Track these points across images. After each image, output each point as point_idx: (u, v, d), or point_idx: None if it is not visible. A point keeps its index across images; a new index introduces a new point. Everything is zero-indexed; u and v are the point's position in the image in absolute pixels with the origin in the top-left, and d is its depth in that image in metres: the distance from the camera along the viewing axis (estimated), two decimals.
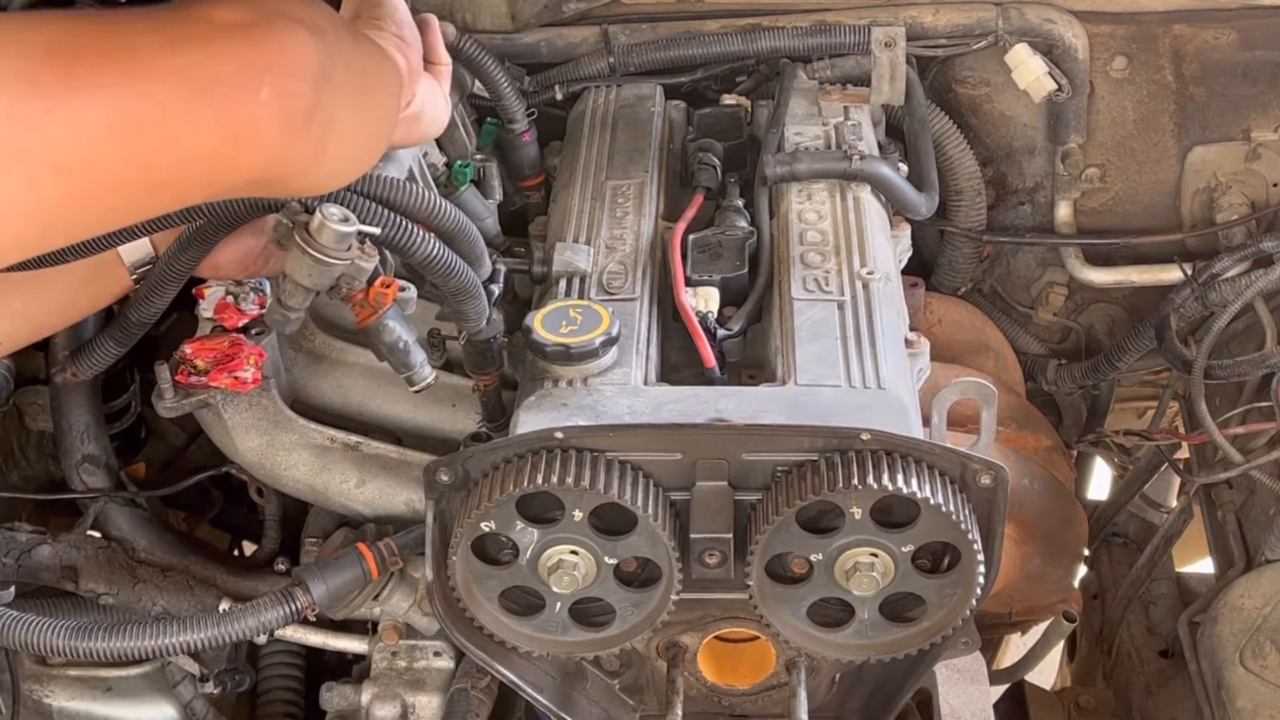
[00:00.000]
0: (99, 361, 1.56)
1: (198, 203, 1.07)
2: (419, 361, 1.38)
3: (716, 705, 1.60)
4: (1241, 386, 2.01)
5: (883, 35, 1.83)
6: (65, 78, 0.88)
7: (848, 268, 1.51)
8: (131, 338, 1.54)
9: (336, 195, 1.26)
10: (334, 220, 1.23)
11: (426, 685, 1.61)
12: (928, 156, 1.84)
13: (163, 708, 1.79)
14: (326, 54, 1.04)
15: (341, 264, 1.25)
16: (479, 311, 1.37)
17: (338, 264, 1.25)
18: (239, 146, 1.00)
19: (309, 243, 1.23)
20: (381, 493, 1.59)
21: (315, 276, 1.26)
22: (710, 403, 1.33)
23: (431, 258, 1.30)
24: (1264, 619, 1.79)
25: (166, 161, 0.96)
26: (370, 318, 1.33)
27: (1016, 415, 1.95)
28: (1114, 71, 2.00)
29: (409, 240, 1.29)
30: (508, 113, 1.75)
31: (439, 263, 1.31)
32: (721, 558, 1.34)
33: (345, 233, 1.23)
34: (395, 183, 1.31)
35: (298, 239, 1.23)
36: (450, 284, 1.33)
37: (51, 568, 1.62)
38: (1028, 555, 1.86)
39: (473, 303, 1.36)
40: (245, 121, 0.98)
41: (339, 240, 1.23)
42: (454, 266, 1.32)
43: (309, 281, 1.26)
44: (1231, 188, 2.06)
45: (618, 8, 1.95)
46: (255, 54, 0.99)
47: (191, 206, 1.21)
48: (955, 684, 1.58)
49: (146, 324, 1.51)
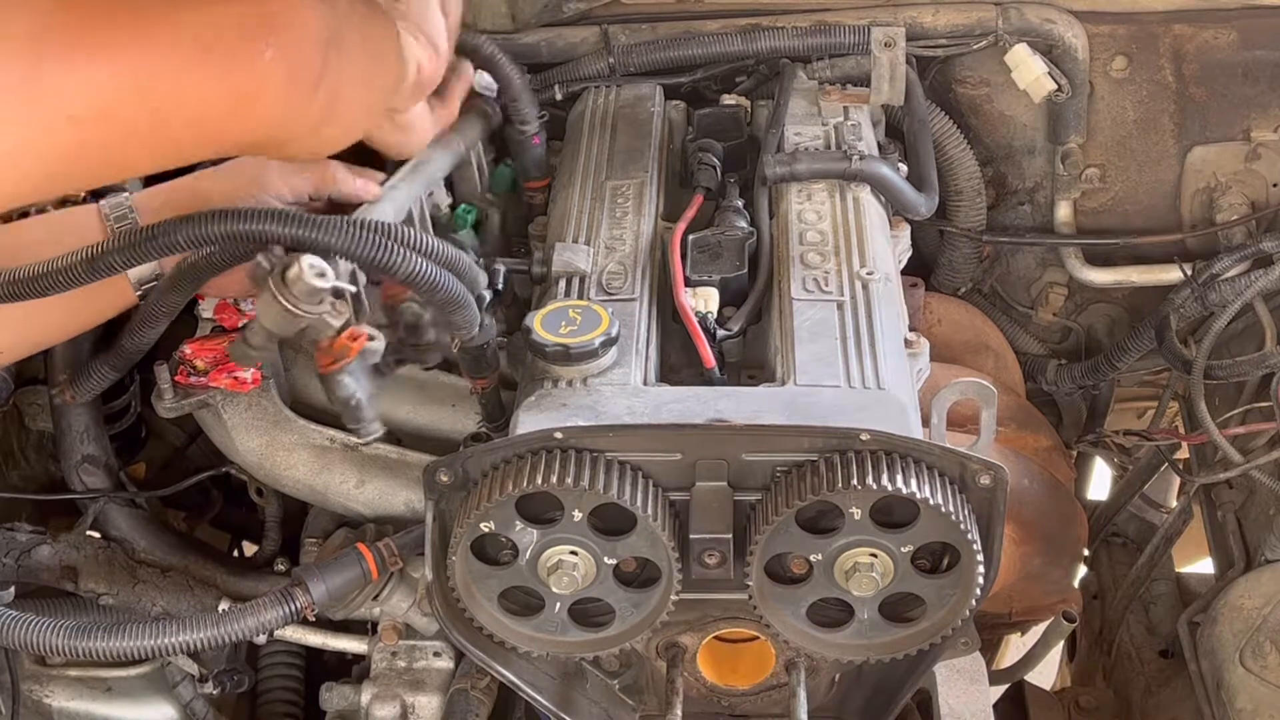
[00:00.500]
0: (96, 386, 1.60)
1: (204, 159, 1.07)
2: (368, 418, 1.34)
3: (716, 705, 1.60)
4: (1241, 386, 2.01)
5: (882, 35, 1.83)
6: (75, 37, 0.90)
7: (847, 268, 1.51)
8: (127, 364, 1.58)
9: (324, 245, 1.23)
10: (310, 274, 1.20)
11: (426, 685, 1.61)
12: (928, 157, 1.84)
13: (162, 708, 1.79)
14: (335, 20, 1.04)
15: (309, 318, 1.23)
16: (469, 320, 1.35)
17: (305, 317, 1.22)
18: (245, 106, 1.01)
19: (282, 291, 1.21)
20: (381, 493, 1.59)
21: (281, 324, 1.23)
22: (710, 403, 1.33)
23: (415, 275, 1.27)
24: (1264, 619, 1.79)
25: (175, 117, 0.97)
26: (330, 367, 1.29)
27: (1016, 415, 1.95)
28: (1114, 71, 2.00)
29: (390, 260, 1.25)
30: (520, 114, 1.74)
31: (423, 280, 1.27)
32: (721, 558, 1.34)
33: (319, 288, 1.21)
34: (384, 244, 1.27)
35: (271, 285, 1.21)
36: (436, 299, 1.30)
37: (51, 568, 1.62)
38: (1027, 555, 1.86)
39: (461, 312, 1.33)
40: (251, 82, 0.99)
41: (311, 294, 1.21)
42: (438, 282, 1.29)
43: (274, 327, 1.24)
44: (1231, 188, 2.06)
45: (618, 8, 1.95)
46: (262, 16, 1.00)
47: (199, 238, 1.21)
48: (955, 684, 1.58)
49: (142, 351, 1.54)
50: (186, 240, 1.21)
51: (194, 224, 1.20)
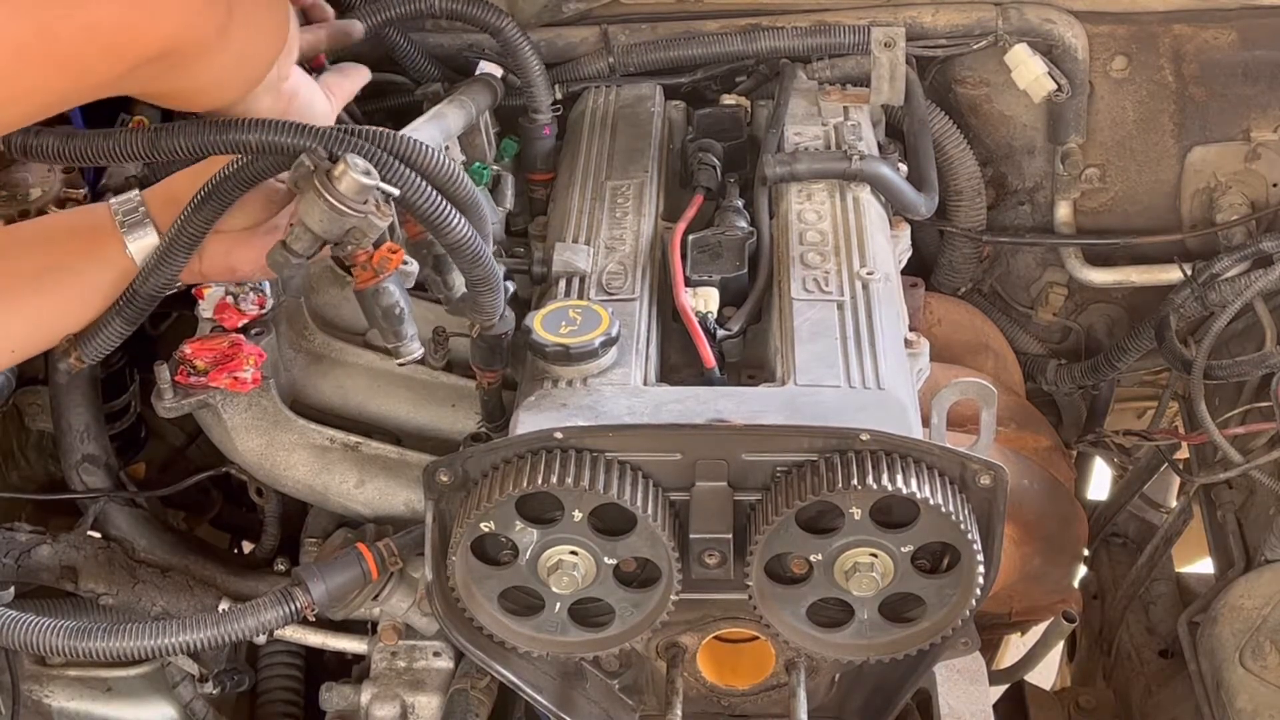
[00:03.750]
0: (106, 343, 1.42)
1: (107, 82, 1.04)
2: (410, 334, 1.34)
3: (716, 705, 1.60)
4: (1241, 386, 2.01)
5: (882, 35, 1.83)
6: None
7: (847, 268, 1.51)
8: (141, 314, 1.41)
9: (363, 150, 1.24)
10: (356, 170, 1.21)
11: (426, 685, 1.61)
12: (927, 156, 1.84)
13: (162, 708, 1.79)
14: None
15: (355, 216, 1.23)
16: (496, 305, 1.35)
17: (352, 215, 1.22)
18: (142, 12, 0.98)
19: (327, 188, 1.21)
20: (381, 493, 1.59)
21: (327, 224, 1.23)
22: (710, 403, 1.33)
23: (464, 240, 1.27)
24: (1264, 619, 1.79)
25: (67, 30, 0.94)
26: (370, 280, 1.30)
27: (1016, 415, 1.95)
28: (1114, 71, 2.00)
29: (445, 220, 1.26)
30: (535, 102, 1.74)
31: (469, 247, 1.28)
32: (721, 558, 1.34)
33: (365, 184, 1.21)
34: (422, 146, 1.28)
35: (316, 183, 1.21)
36: (475, 272, 1.30)
37: (51, 568, 1.62)
38: (1027, 555, 1.86)
39: (492, 295, 1.34)
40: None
41: (358, 191, 1.21)
42: (482, 254, 1.29)
43: (319, 228, 1.23)
44: (1231, 188, 2.06)
45: (618, 8, 1.95)
46: None
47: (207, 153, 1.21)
48: (955, 684, 1.58)
49: (158, 297, 1.40)
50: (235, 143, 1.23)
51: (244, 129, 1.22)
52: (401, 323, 1.32)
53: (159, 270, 1.36)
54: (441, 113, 1.61)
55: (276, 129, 1.23)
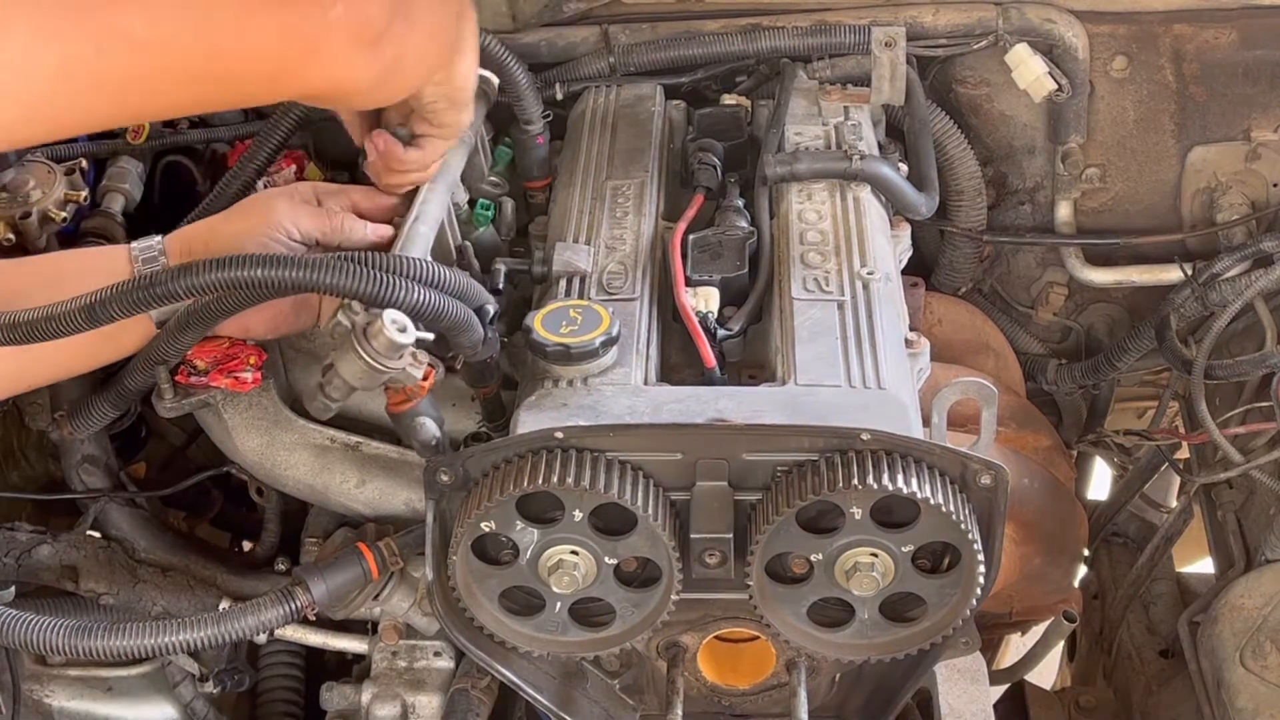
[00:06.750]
0: (94, 423, 1.61)
1: (260, 104, 1.09)
2: (435, 441, 1.39)
3: (716, 705, 1.60)
4: (1241, 386, 2.01)
5: (883, 35, 1.83)
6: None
7: (848, 268, 1.51)
8: (126, 404, 1.59)
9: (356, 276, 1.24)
10: (392, 330, 1.22)
11: (426, 685, 1.61)
12: (928, 156, 1.84)
13: (163, 708, 1.79)
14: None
15: (392, 372, 1.26)
16: (473, 340, 1.35)
17: (388, 371, 1.25)
18: (303, 58, 1.02)
19: (365, 348, 1.23)
20: (381, 493, 1.59)
21: (364, 379, 1.26)
22: (710, 403, 1.33)
23: (420, 306, 1.27)
24: (1264, 619, 1.79)
25: (232, 54, 0.98)
26: (404, 405, 1.34)
27: (1016, 415, 1.95)
28: (1114, 71, 2.00)
29: (394, 295, 1.26)
30: (525, 113, 1.74)
31: (428, 310, 1.28)
32: (721, 558, 1.34)
33: (401, 343, 1.23)
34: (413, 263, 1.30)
35: (354, 342, 1.23)
36: (441, 326, 1.31)
37: (51, 568, 1.62)
38: (1028, 555, 1.86)
39: (466, 334, 1.34)
40: (313, 36, 1.00)
41: (394, 349, 1.24)
42: (443, 310, 1.30)
43: (356, 382, 1.26)
44: (1231, 188, 2.06)
45: (618, 8, 1.95)
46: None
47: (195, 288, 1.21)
48: (955, 684, 1.58)
49: (141, 392, 1.56)
50: (184, 290, 1.21)
51: (189, 274, 1.20)
52: (441, 447, 1.37)
53: (142, 374, 1.48)
54: (446, 163, 1.60)
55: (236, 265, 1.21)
